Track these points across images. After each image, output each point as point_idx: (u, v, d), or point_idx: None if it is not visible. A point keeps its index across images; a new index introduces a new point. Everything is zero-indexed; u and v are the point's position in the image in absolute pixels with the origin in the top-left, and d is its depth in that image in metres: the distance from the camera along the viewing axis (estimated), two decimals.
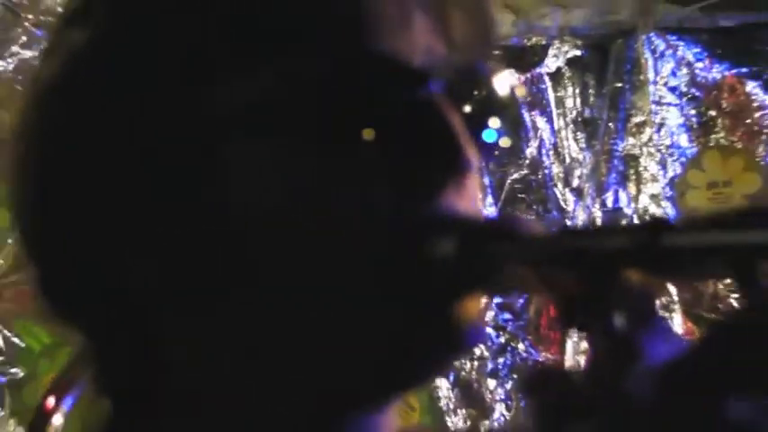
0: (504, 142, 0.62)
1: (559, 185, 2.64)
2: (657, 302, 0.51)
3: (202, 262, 0.58)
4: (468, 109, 0.60)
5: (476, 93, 0.62)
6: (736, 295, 2.49)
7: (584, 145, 2.64)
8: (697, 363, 0.47)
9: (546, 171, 2.63)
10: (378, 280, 0.56)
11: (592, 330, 0.50)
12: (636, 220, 2.54)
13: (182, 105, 0.57)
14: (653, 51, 2.58)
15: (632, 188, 2.58)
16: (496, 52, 0.64)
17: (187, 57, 0.57)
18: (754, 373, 0.44)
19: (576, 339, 2.46)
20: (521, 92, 0.66)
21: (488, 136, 0.62)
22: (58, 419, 0.76)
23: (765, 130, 2.51)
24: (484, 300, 0.63)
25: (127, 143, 0.57)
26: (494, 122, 0.62)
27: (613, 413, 0.47)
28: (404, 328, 0.56)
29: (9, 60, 2.37)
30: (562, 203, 2.62)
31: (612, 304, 0.49)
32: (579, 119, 2.63)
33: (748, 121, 2.51)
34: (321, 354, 0.57)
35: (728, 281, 2.29)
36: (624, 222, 2.39)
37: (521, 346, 2.61)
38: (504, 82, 0.62)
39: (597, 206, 2.60)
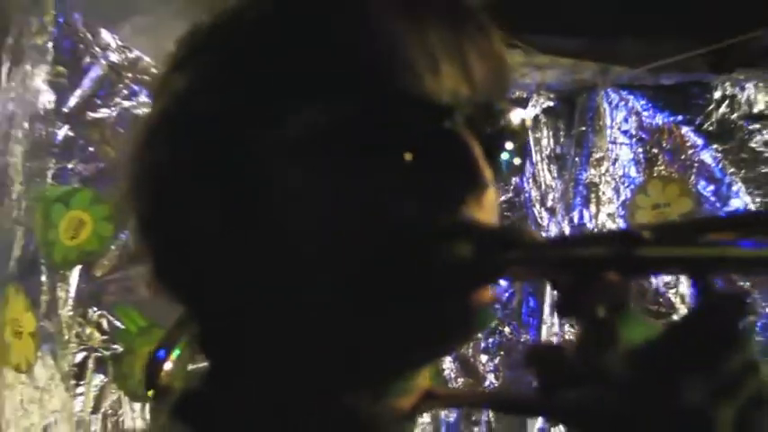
0: (517, 161, 0.66)
1: (537, 206, 2.91)
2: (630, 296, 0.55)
3: (267, 255, 0.62)
4: (486, 137, 0.63)
5: (493, 124, 0.64)
6: (673, 291, 2.75)
7: (555, 175, 2.90)
8: (661, 346, 0.52)
9: (526, 195, 2.88)
10: (409, 275, 0.60)
11: (579, 317, 0.55)
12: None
13: (254, 139, 0.61)
14: (610, 103, 2.84)
15: (593, 208, 2.88)
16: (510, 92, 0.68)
17: (260, 101, 0.61)
18: (704, 357, 0.50)
19: (549, 324, 2.74)
20: (528, 123, 0.63)
21: (504, 156, 0.65)
22: (168, 365, 0.80)
23: (695, 165, 2.76)
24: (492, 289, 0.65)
25: (213, 169, 0.62)
26: (508, 146, 0.65)
27: (596, 384, 0.53)
28: (431, 312, 0.61)
29: (113, 109, 2.52)
30: (539, 220, 2.86)
31: (595, 297, 0.54)
32: (552, 155, 2.89)
33: (683, 157, 2.78)
34: (372, 330, 0.61)
35: (667, 278, 2.70)
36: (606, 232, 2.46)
37: (507, 329, 2.85)
38: (516, 115, 0.65)
39: (566, 222, 2.83)
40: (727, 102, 2.78)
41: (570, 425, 0.57)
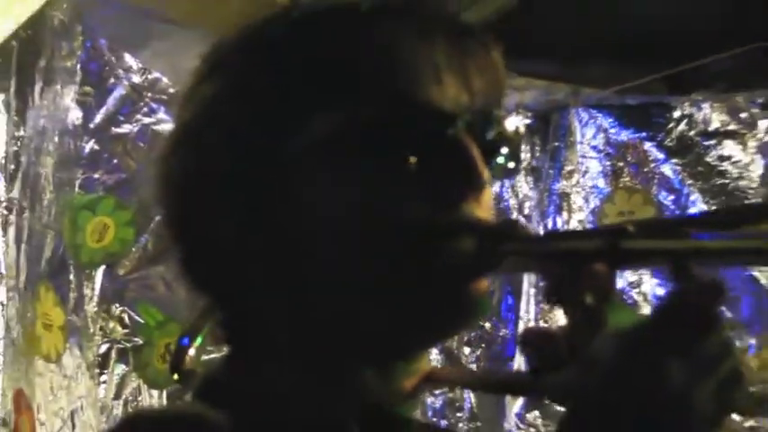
0: (511, 164, 0.65)
1: (515, 213, 2.91)
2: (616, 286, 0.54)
3: (287, 253, 0.62)
4: (484, 142, 0.62)
5: (490, 130, 0.63)
6: (636, 290, 2.75)
7: (532, 185, 2.95)
8: (644, 331, 0.52)
9: (505, 203, 2.91)
10: (415, 266, 0.60)
11: (568, 304, 0.56)
12: None
13: (276, 145, 0.61)
14: (580, 121, 2.88)
15: (565, 216, 2.87)
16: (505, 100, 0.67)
17: (281, 111, 0.61)
18: (684, 340, 0.51)
19: (525, 320, 2.76)
20: (521, 131, 0.65)
21: (500, 160, 0.65)
22: (191, 351, 0.79)
23: (657, 177, 2.78)
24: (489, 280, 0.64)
25: (236, 173, 0.62)
26: (504, 151, 0.65)
27: (583, 365, 0.53)
28: (434, 299, 0.61)
29: (134, 125, 2.54)
30: None
31: (583, 286, 0.55)
32: (529, 167, 2.93)
33: (645, 170, 2.81)
34: (380, 316, 0.62)
35: (631, 278, 2.65)
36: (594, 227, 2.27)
37: (487, 324, 2.86)
38: (512, 122, 0.76)
39: (541, 228, 2.83)
40: (685, 120, 2.79)
41: (559, 403, 0.57)
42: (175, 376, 0.83)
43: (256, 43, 0.66)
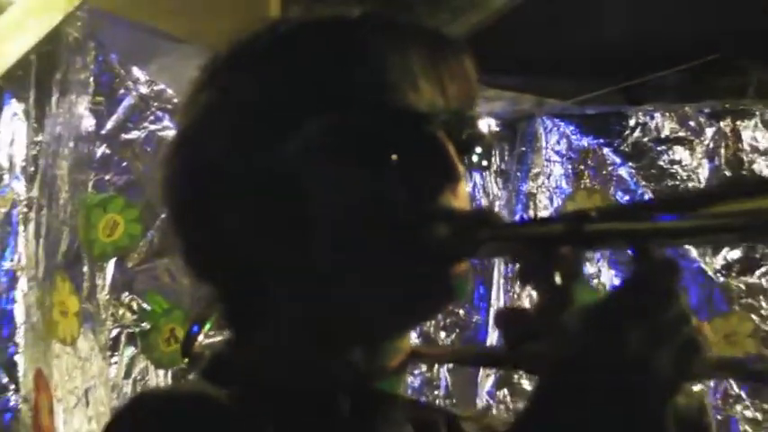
0: (484, 161, 0.67)
1: None
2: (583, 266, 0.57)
3: (286, 244, 0.64)
4: (459, 140, 0.64)
5: (464, 130, 0.65)
6: (596, 280, 2.79)
7: (501, 186, 3.01)
8: (608, 304, 0.55)
9: (477, 203, 2.94)
10: (400, 252, 0.62)
11: (538, 284, 0.59)
12: None
13: (274, 143, 0.63)
14: (545, 128, 2.96)
15: (531, 214, 2.92)
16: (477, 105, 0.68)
17: (279, 112, 0.63)
18: (644, 311, 0.53)
19: (495, 307, 2.82)
20: (493, 131, 0.57)
21: (474, 157, 0.66)
22: (200, 337, 0.80)
23: (614, 179, 2.89)
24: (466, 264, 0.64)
25: (241, 170, 0.63)
26: (477, 149, 0.66)
27: (553, 338, 0.56)
28: (418, 282, 0.63)
29: (142, 131, 2.66)
30: None
31: (552, 267, 0.57)
32: (498, 170, 3.00)
33: (604, 172, 2.92)
34: (369, 298, 0.64)
35: (591, 270, 2.76)
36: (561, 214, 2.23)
37: (461, 311, 2.91)
38: (484, 123, 0.66)
39: None
40: (639, 128, 2.90)
41: (533, 373, 0.60)
42: (186, 360, 0.89)
43: (247, 56, 0.67)
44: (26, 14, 2.57)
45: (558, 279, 0.57)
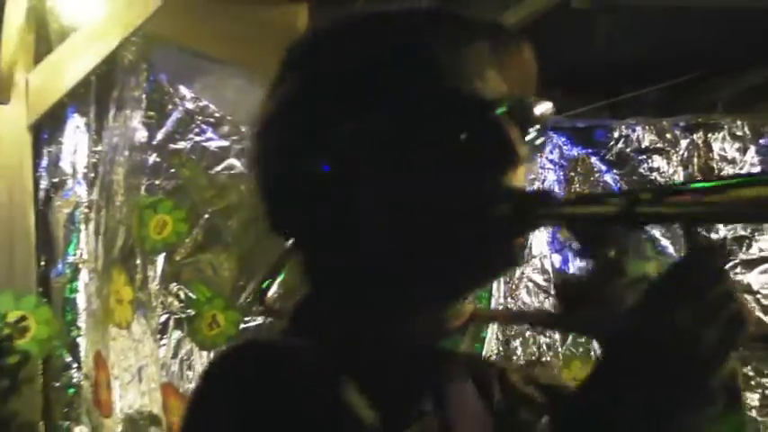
0: (540, 142, 0.68)
1: None
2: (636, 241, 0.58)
3: (365, 217, 0.66)
4: (520, 125, 0.65)
5: (525, 114, 0.66)
6: None
7: None
8: (660, 279, 0.57)
9: None
10: (469, 227, 0.64)
11: (594, 258, 0.60)
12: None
13: (334, 138, 0.65)
14: None
15: None
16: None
17: (339, 109, 0.66)
18: (693, 288, 0.55)
19: (496, 297, 2.79)
20: (550, 112, 0.59)
21: (530, 137, 0.67)
22: (273, 289, 0.82)
23: (601, 184, 2.99)
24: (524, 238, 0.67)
25: (328, 140, 0.65)
26: (534, 132, 0.68)
27: (606, 306, 0.58)
28: (484, 253, 0.65)
29: (188, 142, 2.81)
30: None
31: (607, 241, 0.59)
32: None
33: (592, 179, 3.01)
34: (447, 267, 0.66)
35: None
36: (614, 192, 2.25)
37: None
38: (542, 108, 0.67)
39: None
40: (623, 139, 2.99)
41: (584, 335, 0.76)
42: (261, 309, 0.91)
43: (326, 46, 0.70)
44: (87, 40, 2.86)
45: (611, 253, 0.58)
